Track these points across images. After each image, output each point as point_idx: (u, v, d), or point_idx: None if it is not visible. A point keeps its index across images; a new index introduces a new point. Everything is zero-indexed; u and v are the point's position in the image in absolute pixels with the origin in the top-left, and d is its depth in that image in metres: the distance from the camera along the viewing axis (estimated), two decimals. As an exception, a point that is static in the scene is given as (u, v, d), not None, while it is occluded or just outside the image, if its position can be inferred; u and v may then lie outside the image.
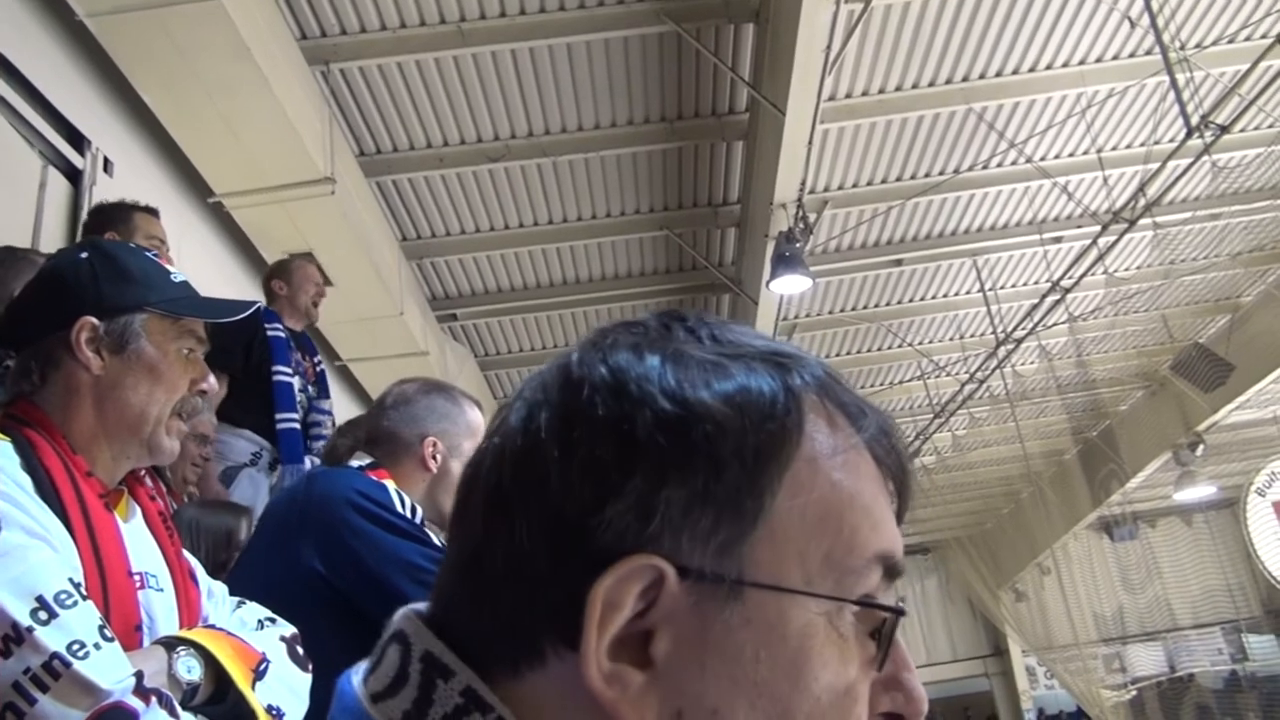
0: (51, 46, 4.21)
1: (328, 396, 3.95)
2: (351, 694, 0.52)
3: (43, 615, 1.06)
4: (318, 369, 3.96)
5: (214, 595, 1.44)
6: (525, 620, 0.49)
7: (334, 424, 3.85)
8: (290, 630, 1.39)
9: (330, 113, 5.54)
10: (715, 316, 0.57)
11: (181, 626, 1.32)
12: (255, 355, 3.63)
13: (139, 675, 1.10)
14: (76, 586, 1.12)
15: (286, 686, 1.30)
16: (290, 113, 4.76)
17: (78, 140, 4.29)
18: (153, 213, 3.28)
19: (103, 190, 4.36)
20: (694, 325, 0.55)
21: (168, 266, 1.45)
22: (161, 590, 1.31)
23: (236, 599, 1.47)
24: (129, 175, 4.66)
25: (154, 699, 1.10)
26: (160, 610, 1.29)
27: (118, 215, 3.12)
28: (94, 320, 1.32)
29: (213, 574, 2.32)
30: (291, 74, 4.91)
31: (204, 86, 4.41)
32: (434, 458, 2.00)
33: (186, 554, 1.44)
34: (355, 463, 2.00)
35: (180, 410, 1.38)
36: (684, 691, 0.48)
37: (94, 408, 1.31)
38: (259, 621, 1.39)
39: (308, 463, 3.56)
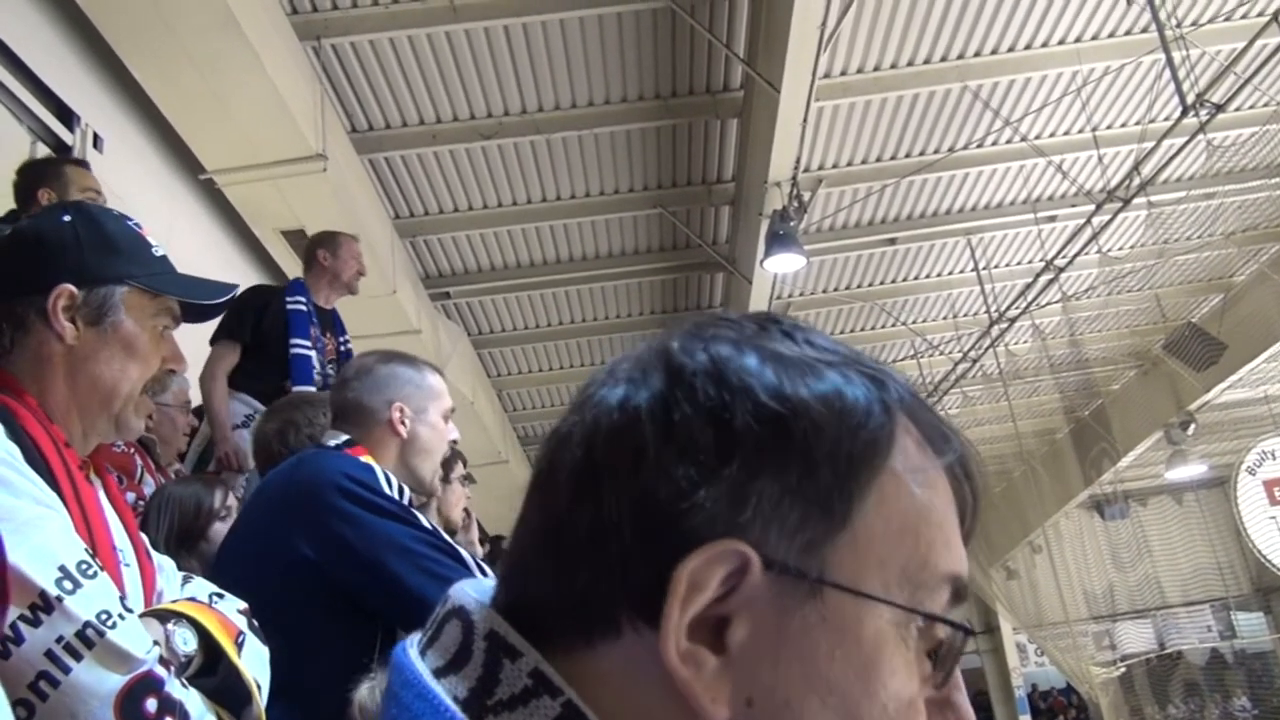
0: (40, 21, 4.17)
1: None
2: (411, 667, 0.52)
3: (68, 585, 1.04)
4: (342, 348, 3.95)
5: (164, 570, 1.41)
6: (604, 592, 0.50)
7: None
8: (243, 604, 1.38)
9: (322, 89, 5.50)
10: (806, 323, 0.58)
11: (145, 602, 1.31)
12: (266, 325, 3.65)
13: (158, 644, 1.11)
14: (92, 557, 1.11)
15: (258, 659, 1.29)
16: (281, 88, 4.72)
17: (67, 116, 4.26)
18: (83, 165, 3.21)
19: (93, 166, 4.32)
20: (789, 329, 0.56)
21: (149, 239, 1.40)
22: (129, 566, 1.29)
23: (183, 574, 1.45)
24: (119, 151, 4.63)
25: (172, 668, 1.11)
26: (130, 587, 1.27)
27: (49, 171, 3.03)
28: (73, 288, 1.27)
29: (181, 544, 2.31)
30: (282, 48, 4.87)
31: (193, 61, 4.37)
32: (403, 422, 2.00)
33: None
34: (331, 441, 1.99)
35: (148, 388, 1.35)
36: (756, 680, 0.48)
37: (66, 379, 1.27)
38: (209, 596, 1.37)
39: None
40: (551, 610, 0.51)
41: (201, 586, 1.40)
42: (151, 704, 1.05)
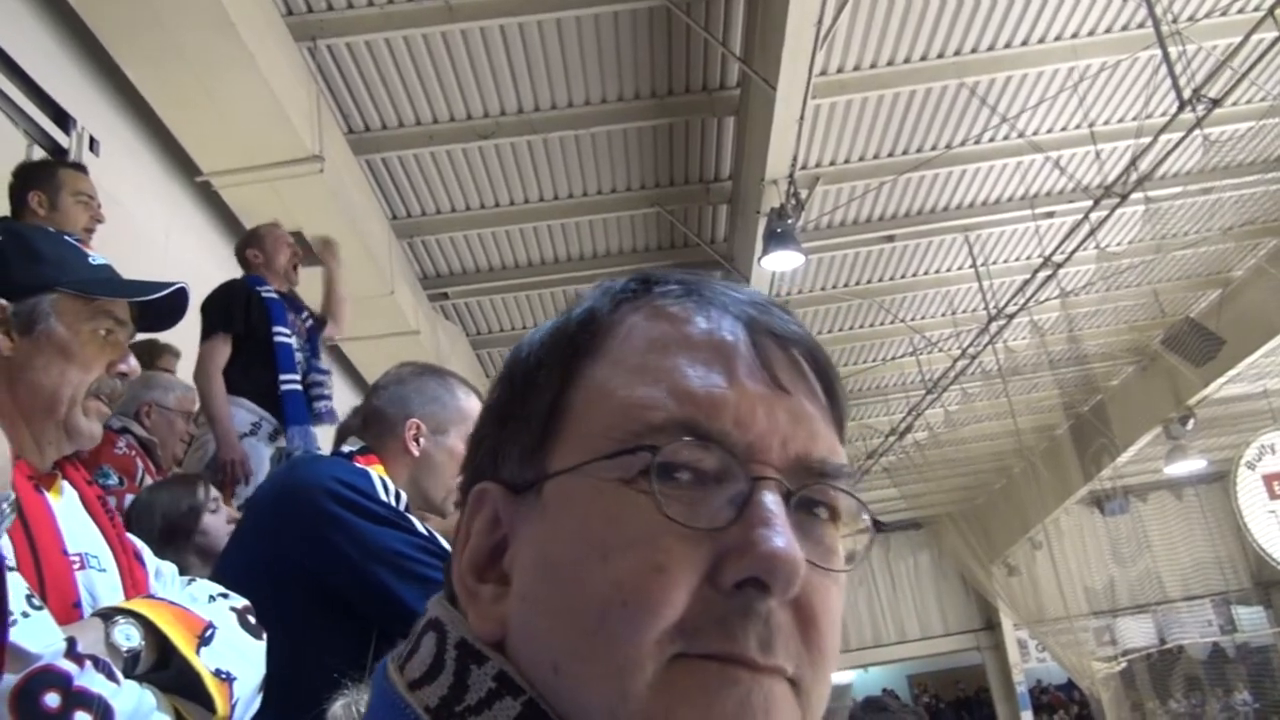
0: (35, 24, 4.16)
1: (319, 354, 3.93)
2: (387, 680, 0.54)
3: None
4: (307, 325, 3.92)
5: (162, 575, 1.43)
6: None
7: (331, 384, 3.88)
8: (242, 602, 1.39)
9: (318, 90, 5.49)
10: (692, 273, 0.59)
11: None
12: (254, 317, 3.61)
13: (71, 641, 1.10)
14: None
15: (236, 652, 1.29)
16: (277, 89, 4.72)
17: (63, 119, 4.25)
18: (79, 169, 3.20)
19: (89, 170, 4.32)
20: (648, 276, 0.59)
21: (86, 250, 1.42)
22: (104, 571, 1.30)
23: (187, 577, 1.47)
24: (116, 154, 4.62)
25: (89, 663, 1.10)
26: (104, 590, 1.28)
27: (42, 173, 3.03)
28: (2, 301, 1.30)
29: (167, 544, 2.30)
30: (278, 50, 4.87)
31: (188, 63, 4.36)
32: (416, 440, 1.95)
33: (132, 536, 1.44)
34: (347, 448, 1.97)
35: (100, 392, 1.36)
36: (514, 592, 0.53)
37: (7, 390, 1.30)
38: (210, 596, 1.38)
39: (312, 427, 3.60)
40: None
41: (203, 588, 1.42)
42: (52, 699, 1.04)
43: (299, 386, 3.59)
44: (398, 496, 1.82)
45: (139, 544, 1.44)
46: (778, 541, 0.48)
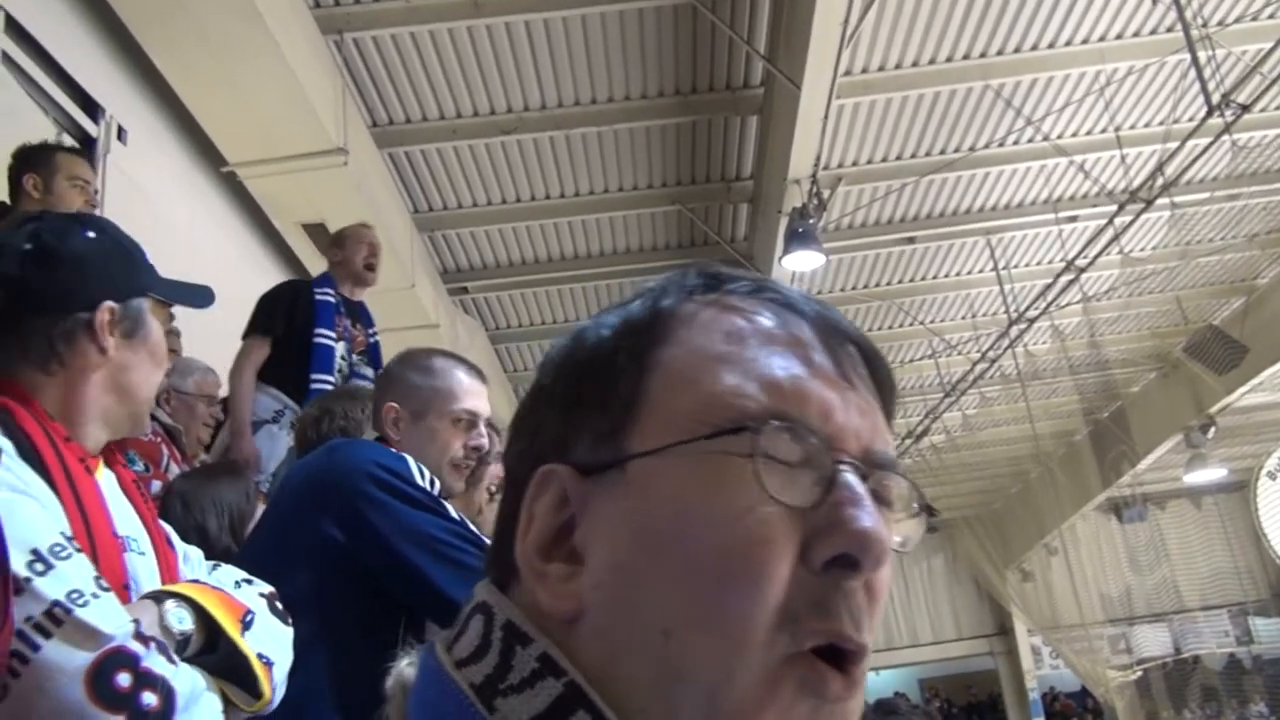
0: (66, 12, 4.21)
1: (377, 367, 3.97)
2: (435, 659, 0.57)
3: (39, 566, 1.08)
4: (371, 340, 4.00)
5: (189, 559, 1.46)
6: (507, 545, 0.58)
7: None
8: (268, 588, 1.42)
9: (343, 82, 5.52)
10: (736, 269, 0.61)
11: None
12: (299, 319, 3.70)
13: (137, 622, 1.13)
14: (69, 540, 1.14)
15: (272, 637, 1.33)
16: (303, 81, 4.75)
17: (91, 108, 4.29)
18: (77, 153, 3.21)
19: (117, 158, 4.37)
20: (705, 268, 0.60)
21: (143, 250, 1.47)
22: (143, 554, 1.34)
23: (212, 562, 1.50)
24: (143, 143, 4.67)
25: (153, 644, 1.13)
26: (143, 573, 1.31)
27: (39, 157, 3.04)
28: (114, 304, 1.33)
29: (239, 532, 2.35)
30: (304, 42, 4.89)
31: (216, 53, 4.39)
32: (395, 425, 2.00)
33: (161, 521, 1.47)
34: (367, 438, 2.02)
35: None
36: (597, 567, 0.54)
37: (100, 386, 1.33)
38: (235, 582, 1.41)
39: None
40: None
41: (229, 573, 1.44)
42: (124, 678, 1.07)
43: (329, 388, 3.63)
44: (432, 482, 1.86)
45: (168, 528, 1.47)
46: (867, 520, 0.51)
